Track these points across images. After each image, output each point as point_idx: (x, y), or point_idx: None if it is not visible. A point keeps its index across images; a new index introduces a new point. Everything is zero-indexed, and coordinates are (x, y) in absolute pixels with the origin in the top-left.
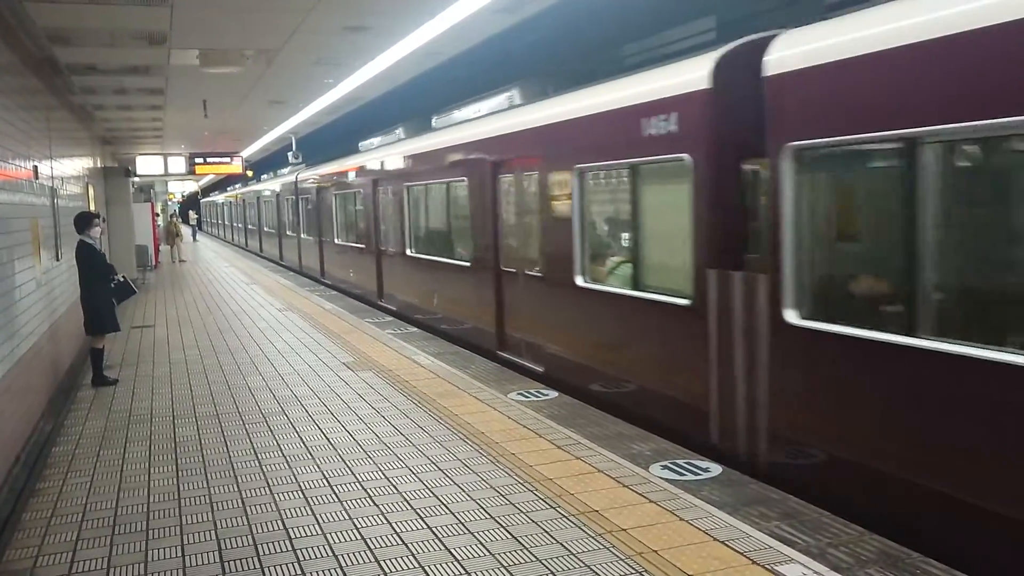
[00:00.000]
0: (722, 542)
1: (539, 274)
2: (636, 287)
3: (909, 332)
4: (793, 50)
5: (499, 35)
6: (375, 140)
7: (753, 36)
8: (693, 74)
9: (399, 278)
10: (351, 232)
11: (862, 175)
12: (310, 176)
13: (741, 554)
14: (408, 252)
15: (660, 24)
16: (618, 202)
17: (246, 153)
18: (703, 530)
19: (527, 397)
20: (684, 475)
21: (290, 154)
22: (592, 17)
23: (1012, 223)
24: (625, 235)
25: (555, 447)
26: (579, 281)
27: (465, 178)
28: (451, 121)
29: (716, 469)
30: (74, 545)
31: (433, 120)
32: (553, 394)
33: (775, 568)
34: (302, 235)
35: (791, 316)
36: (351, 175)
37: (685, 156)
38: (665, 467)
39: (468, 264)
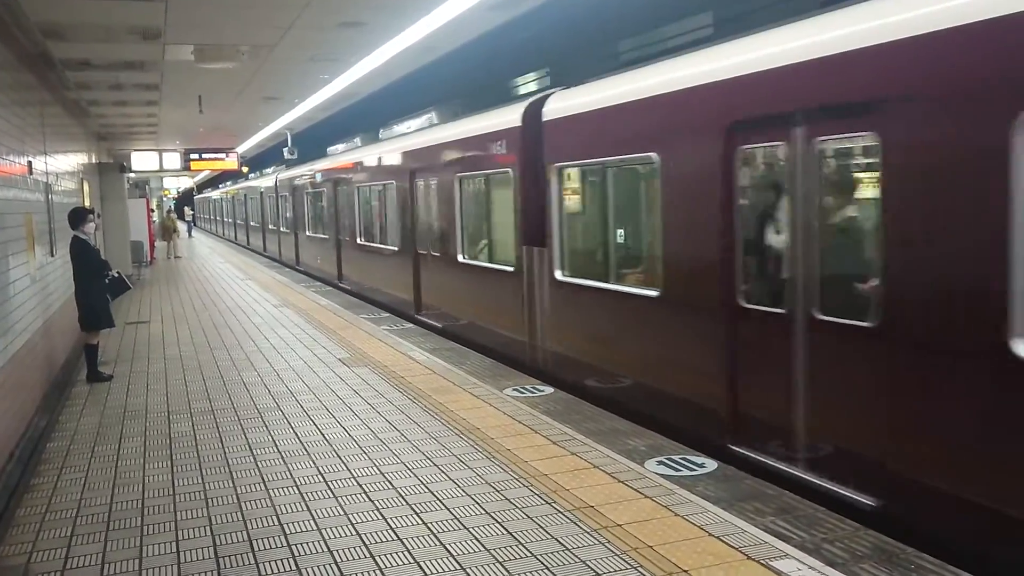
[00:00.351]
0: (717, 537)
1: (438, 254)
2: (490, 260)
3: (604, 279)
4: (553, 106)
5: (493, 32)
6: (339, 147)
7: (542, 93)
8: (512, 115)
9: (353, 262)
10: (318, 225)
11: (586, 184)
12: (286, 177)
13: (736, 549)
14: (358, 240)
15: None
16: (480, 201)
17: (242, 149)
18: (698, 525)
19: (522, 393)
20: (680, 471)
21: (285, 150)
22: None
23: (638, 211)
24: (483, 225)
25: (551, 443)
26: (460, 258)
27: (393, 181)
28: (390, 135)
29: (711, 465)
30: (68, 541)
31: (380, 132)
32: (549, 390)
33: (770, 563)
34: (281, 228)
35: (558, 274)
36: (318, 176)
37: (509, 169)
38: (661, 463)
39: (396, 248)
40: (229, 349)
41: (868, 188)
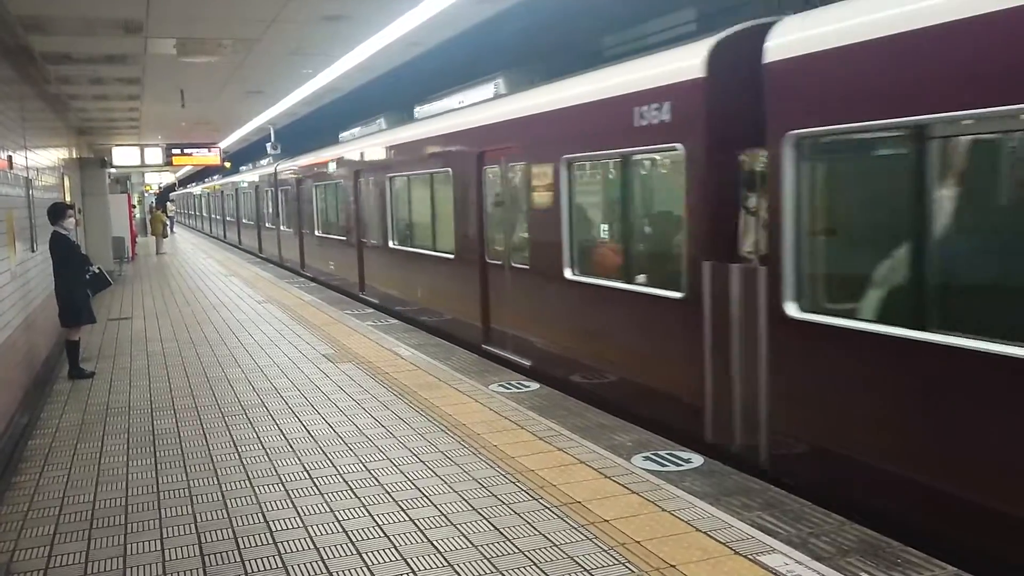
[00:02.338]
0: (704, 532)
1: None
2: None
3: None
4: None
5: (479, 25)
6: (301, 154)
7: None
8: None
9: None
10: (282, 220)
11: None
12: (292, 168)
13: (723, 544)
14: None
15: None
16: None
17: (224, 144)
18: (685, 520)
19: (508, 389)
20: (666, 466)
21: (268, 145)
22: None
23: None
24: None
25: (537, 438)
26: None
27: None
28: (345, 139)
29: (698, 460)
30: (51, 539)
31: (340, 135)
32: (535, 386)
33: (757, 558)
34: (281, 227)
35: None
36: (332, 167)
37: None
38: (647, 458)
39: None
40: (212, 345)
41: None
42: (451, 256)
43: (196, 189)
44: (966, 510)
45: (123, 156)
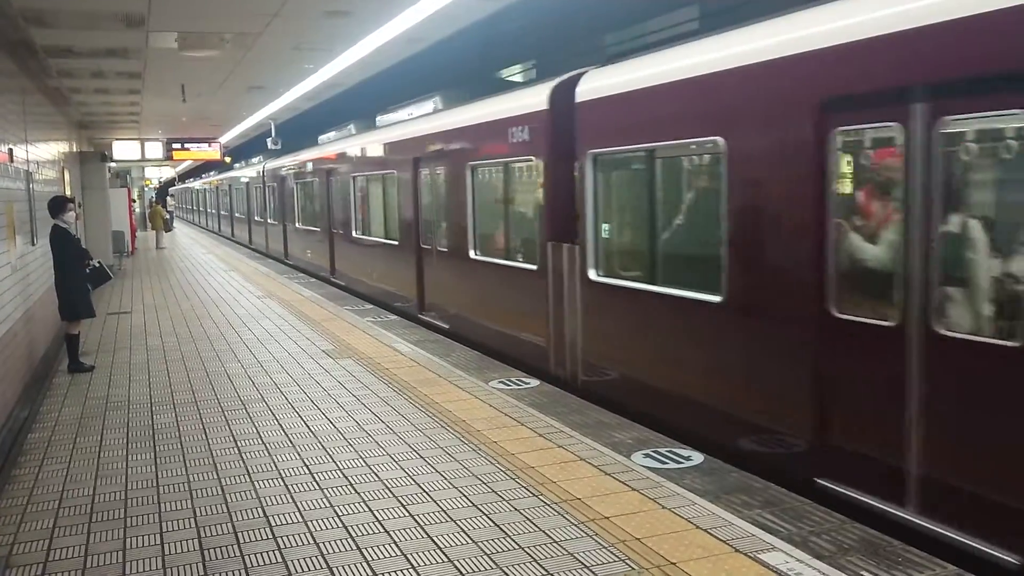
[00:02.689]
0: (705, 530)
1: (361, 235)
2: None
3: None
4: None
5: (482, 22)
6: (286, 155)
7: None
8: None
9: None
10: (268, 214)
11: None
12: (231, 176)
13: (724, 542)
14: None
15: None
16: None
17: (225, 139)
18: (686, 518)
19: (508, 385)
20: (666, 463)
21: (269, 140)
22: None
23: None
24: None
25: (537, 435)
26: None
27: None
28: (322, 142)
29: (698, 457)
30: (51, 533)
31: (319, 138)
32: (534, 383)
33: (758, 556)
34: (237, 215)
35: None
36: (267, 174)
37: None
38: (647, 455)
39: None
40: (212, 340)
41: None
42: (396, 243)
43: (194, 184)
44: (687, 403)
45: (123, 150)
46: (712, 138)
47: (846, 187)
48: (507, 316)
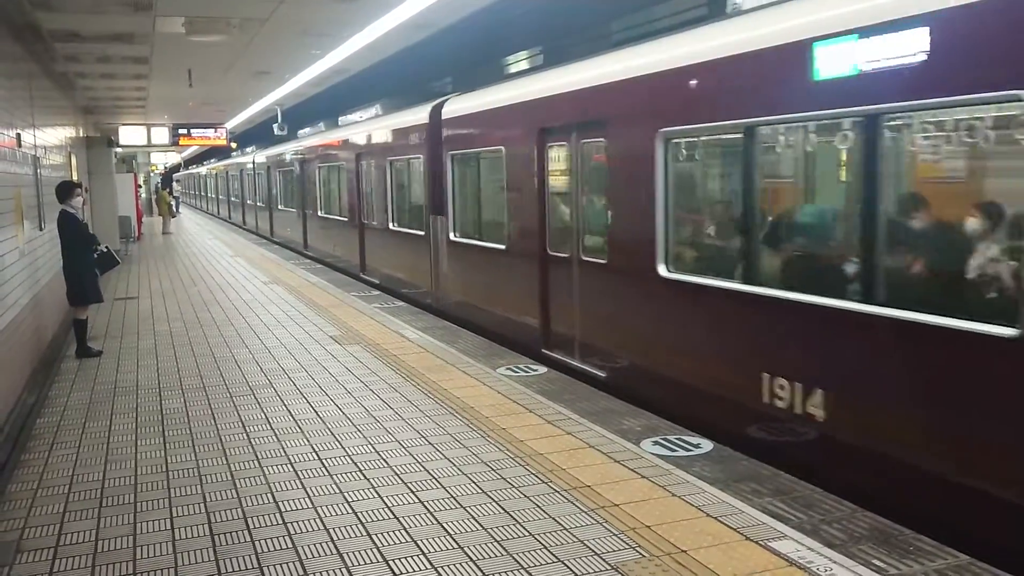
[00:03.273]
0: (715, 518)
1: (345, 219)
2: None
3: (375, 223)
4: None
5: (487, 8)
6: (272, 147)
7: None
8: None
9: (279, 222)
10: (259, 198)
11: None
12: (229, 164)
13: (734, 530)
14: (279, 207)
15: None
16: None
17: (231, 124)
18: (695, 506)
19: (516, 372)
20: (675, 451)
21: (275, 126)
22: None
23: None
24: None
25: (545, 422)
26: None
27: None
28: (301, 136)
29: (707, 445)
30: (61, 517)
31: (299, 132)
32: (542, 369)
33: (768, 544)
34: (233, 199)
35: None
36: (257, 163)
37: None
38: (656, 443)
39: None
40: (219, 326)
41: None
42: (346, 220)
43: (200, 170)
44: (489, 311)
45: (129, 136)
46: (499, 147)
47: (549, 177)
48: (410, 269)
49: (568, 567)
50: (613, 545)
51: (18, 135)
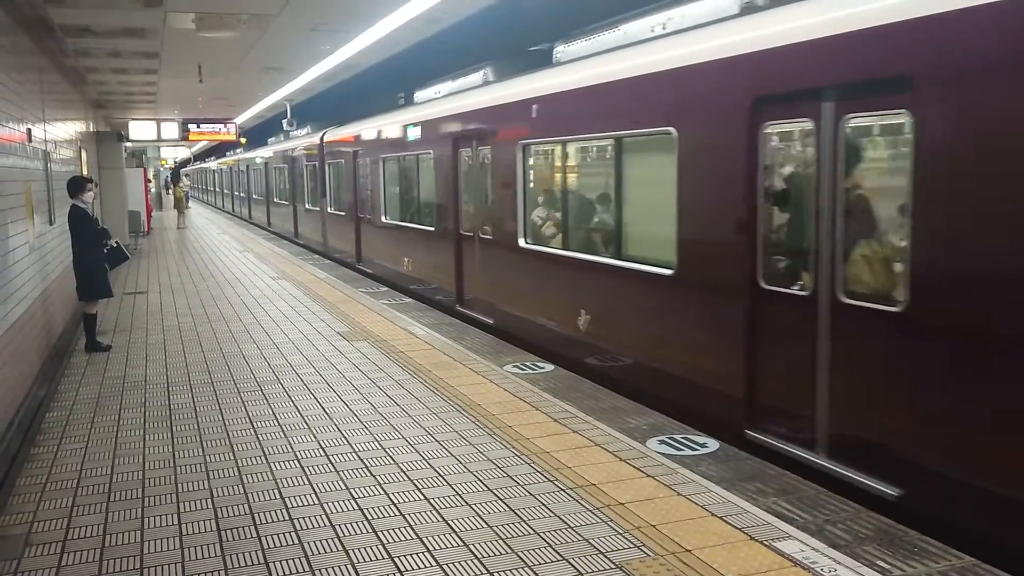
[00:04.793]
0: (720, 517)
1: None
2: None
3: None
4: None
5: (497, 3)
6: (266, 146)
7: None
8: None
9: (277, 214)
10: (259, 192)
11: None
12: (233, 159)
13: (739, 530)
14: (276, 200)
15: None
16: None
17: (240, 119)
18: (701, 505)
19: (523, 370)
20: (681, 450)
21: (285, 121)
22: None
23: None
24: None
25: (551, 420)
26: (307, 207)
27: (287, 165)
28: (293, 136)
29: (713, 444)
30: (70, 511)
31: (291, 132)
32: (549, 367)
33: (773, 544)
34: (237, 194)
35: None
36: (256, 159)
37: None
38: (662, 441)
39: (286, 203)
40: (228, 321)
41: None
42: (314, 210)
43: (209, 165)
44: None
45: (139, 130)
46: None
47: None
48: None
49: (573, 565)
50: (618, 544)
51: (28, 130)
